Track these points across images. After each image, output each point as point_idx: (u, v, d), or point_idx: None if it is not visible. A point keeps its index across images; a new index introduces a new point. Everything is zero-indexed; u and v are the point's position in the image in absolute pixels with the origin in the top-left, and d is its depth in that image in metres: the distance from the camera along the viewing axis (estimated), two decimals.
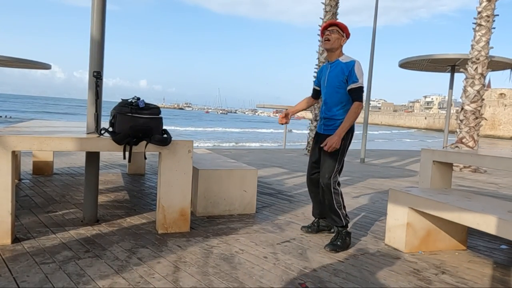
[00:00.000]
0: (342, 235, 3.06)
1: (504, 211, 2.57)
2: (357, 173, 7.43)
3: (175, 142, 3.11)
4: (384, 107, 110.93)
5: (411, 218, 3.01)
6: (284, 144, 14.23)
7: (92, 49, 3.22)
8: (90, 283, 2.21)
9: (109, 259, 2.57)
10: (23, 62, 8.29)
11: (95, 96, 3.16)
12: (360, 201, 4.90)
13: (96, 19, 3.20)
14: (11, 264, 2.40)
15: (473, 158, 3.47)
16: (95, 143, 2.92)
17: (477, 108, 8.92)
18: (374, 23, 9.78)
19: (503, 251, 3.22)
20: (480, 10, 8.85)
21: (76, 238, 2.94)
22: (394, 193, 3.15)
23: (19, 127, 4.00)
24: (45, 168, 5.43)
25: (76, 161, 6.82)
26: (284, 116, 3.38)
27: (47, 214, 3.52)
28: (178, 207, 3.16)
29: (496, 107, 52.56)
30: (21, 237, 2.88)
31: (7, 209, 2.69)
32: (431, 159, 3.74)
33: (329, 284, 2.38)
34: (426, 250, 3.06)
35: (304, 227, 3.45)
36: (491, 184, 7.14)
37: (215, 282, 2.31)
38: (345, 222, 3.09)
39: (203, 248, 2.86)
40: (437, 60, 9.05)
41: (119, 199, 4.25)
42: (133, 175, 5.80)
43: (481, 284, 2.51)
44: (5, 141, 2.67)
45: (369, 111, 10.77)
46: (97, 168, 3.40)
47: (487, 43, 8.72)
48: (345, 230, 3.08)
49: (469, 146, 8.80)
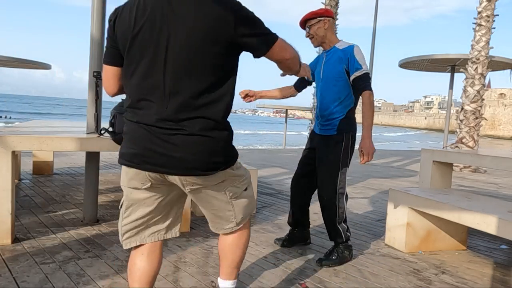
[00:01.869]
0: (339, 249, 2.71)
1: (504, 211, 2.57)
2: (357, 173, 7.43)
3: None
4: (384, 107, 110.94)
5: (411, 218, 3.01)
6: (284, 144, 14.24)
7: (92, 49, 3.22)
8: (90, 283, 2.21)
9: (109, 259, 2.57)
10: (23, 62, 8.28)
11: (95, 96, 3.16)
12: (360, 201, 4.90)
13: (96, 19, 3.20)
14: (11, 264, 2.40)
15: (473, 158, 3.47)
16: (95, 143, 2.92)
17: (477, 108, 8.92)
18: (374, 23, 9.79)
19: (503, 251, 3.22)
20: (480, 10, 8.85)
21: (76, 238, 2.94)
22: (394, 193, 3.15)
23: (19, 127, 4.00)
24: (45, 168, 5.43)
25: (76, 161, 6.82)
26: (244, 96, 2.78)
27: (47, 214, 3.52)
28: None
29: (496, 107, 52.59)
30: (21, 237, 2.88)
31: (7, 209, 2.69)
32: (431, 159, 3.74)
33: (329, 284, 2.38)
34: (426, 250, 3.06)
35: (278, 240, 3.05)
36: (491, 184, 7.14)
37: (215, 282, 2.31)
38: (345, 238, 2.72)
39: (203, 248, 2.86)
40: (437, 60, 9.05)
41: (119, 199, 4.24)
42: None
43: (481, 284, 2.52)
44: (5, 141, 2.67)
45: None
46: (97, 168, 3.40)
47: (487, 43, 8.72)
48: (344, 244, 2.73)
49: (469, 146, 8.80)
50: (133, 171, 1.51)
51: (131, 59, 1.45)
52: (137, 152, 1.46)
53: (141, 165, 1.46)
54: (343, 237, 2.70)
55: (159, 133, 1.42)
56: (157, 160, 1.43)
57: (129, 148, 1.49)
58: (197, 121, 1.42)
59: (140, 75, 1.44)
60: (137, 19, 1.41)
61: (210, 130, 1.45)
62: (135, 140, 1.47)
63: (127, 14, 1.44)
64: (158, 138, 1.42)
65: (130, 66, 1.46)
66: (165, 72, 1.41)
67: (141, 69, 1.43)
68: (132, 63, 1.45)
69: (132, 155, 1.48)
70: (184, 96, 1.41)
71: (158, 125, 1.42)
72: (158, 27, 1.39)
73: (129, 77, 1.47)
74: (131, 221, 1.58)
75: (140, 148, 1.45)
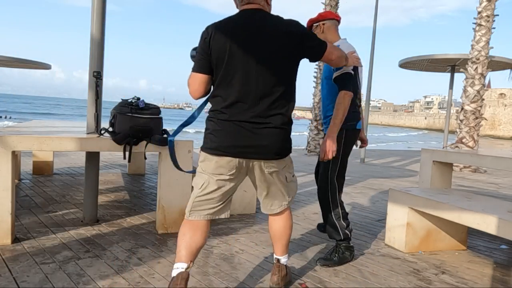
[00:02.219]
0: (340, 249, 2.70)
1: (504, 211, 2.56)
2: (357, 173, 7.44)
3: (175, 142, 3.11)
4: (384, 107, 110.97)
5: (411, 218, 3.01)
6: None
7: (92, 49, 3.22)
8: (90, 283, 2.21)
9: (109, 259, 2.57)
10: (23, 62, 8.28)
11: (95, 96, 3.17)
12: (360, 201, 4.90)
13: (96, 19, 3.20)
14: (11, 264, 2.40)
15: (473, 158, 3.47)
16: (95, 143, 2.92)
17: (477, 108, 8.92)
18: (374, 23, 9.78)
19: (503, 251, 3.22)
20: (480, 10, 8.86)
21: (76, 238, 2.94)
22: (394, 193, 3.15)
23: (19, 127, 4.01)
24: (45, 168, 5.43)
25: (76, 161, 6.82)
26: None
27: (47, 214, 3.52)
28: (178, 207, 3.16)
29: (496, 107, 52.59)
30: (21, 237, 2.88)
31: (7, 209, 2.69)
32: (431, 159, 3.74)
33: (329, 284, 2.38)
34: (426, 250, 3.06)
35: (320, 225, 3.39)
36: (491, 184, 7.14)
37: (215, 282, 2.31)
38: (344, 236, 2.70)
39: (203, 248, 2.86)
40: (437, 60, 9.05)
41: (119, 199, 4.25)
42: (133, 175, 5.80)
43: (481, 284, 2.52)
44: (5, 141, 2.67)
45: (369, 111, 10.76)
46: (97, 168, 3.40)
47: (487, 43, 8.72)
48: (344, 244, 2.71)
49: (469, 146, 8.80)
50: (226, 160, 1.87)
51: (228, 71, 1.85)
52: (233, 144, 1.85)
53: (236, 154, 1.86)
54: (341, 234, 2.68)
55: (250, 128, 1.85)
56: (250, 149, 1.87)
57: (223, 141, 1.86)
58: (278, 117, 1.89)
59: (238, 83, 1.84)
60: (232, 39, 1.83)
61: (286, 124, 1.93)
62: (230, 134, 1.85)
63: (221, 34, 1.84)
64: (249, 131, 1.85)
65: (228, 76, 1.85)
66: (257, 81, 1.84)
67: (238, 78, 1.84)
68: (229, 74, 1.85)
69: (226, 147, 1.86)
70: (270, 98, 1.86)
71: (251, 120, 1.84)
72: (248, 45, 1.83)
73: (227, 84, 1.86)
74: (203, 199, 1.93)
75: (235, 140, 1.85)
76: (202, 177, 1.93)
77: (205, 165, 1.92)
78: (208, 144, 1.91)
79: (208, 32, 1.87)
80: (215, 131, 1.89)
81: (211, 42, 1.84)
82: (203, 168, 1.93)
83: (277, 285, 2.19)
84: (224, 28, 1.86)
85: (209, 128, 1.92)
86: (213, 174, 1.90)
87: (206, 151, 1.92)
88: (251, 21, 1.88)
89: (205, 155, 1.92)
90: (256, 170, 1.97)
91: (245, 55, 1.82)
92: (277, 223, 2.18)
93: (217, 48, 1.83)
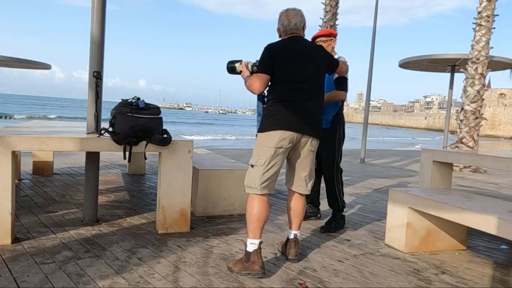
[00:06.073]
0: (337, 218, 3.51)
1: (504, 211, 2.57)
2: (357, 173, 7.44)
3: (175, 142, 3.11)
4: (384, 107, 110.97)
5: (411, 218, 3.01)
6: None
7: (92, 49, 3.22)
8: (90, 283, 2.21)
9: (109, 259, 2.57)
10: (22, 62, 8.28)
11: (95, 96, 3.16)
12: (360, 201, 4.90)
13: (96, 19, 3.20)
14: (11, 264, 2.40)
15: (473, 158, 3.47)
16: (95, 143, 2.92)
17: (477, 108, 8.92)
18: (374, 23, 9.78)
19: (503, 251, 3.22)
20: (480, 10, 8.86)
21: (76, 238, 2.94)
22: (394, 193, 3.15)
23: (19, 127, 4.01)
24: (45, 168, 5.43)
25: (76, 161, 6.82)
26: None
27: (47, 214, 3.52)
28: (178, 207, 3.16)
29: (496, 107, 52.61)
30: (21, 237, 2.88)
31: (7, 209, 2.69)
32: (431, 159, 3.74)
33: (329, 284, 2.38)
34: (426, 250, 3.06)
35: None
36: (491, 184, 7.14)
37: (215, 282, 2.31)
38: (341, 207, 3.50)
39: (203, 248, 2.86)
40: (437, 60, 9.05)
41: (119, 199, 4.25)
42: (133, 175, 5.80)
43: (481, 284, 2.52)
44: (5, 141, 2.67)
45: (369, 111, 10.75)
46: (97, 168, 3.40)
47: (487, 43, 8.72)
48: (339, 214, 3.52)
49: (469, 146, 8.80)
50: (289, 134, 2.47)
51: (291, 77, 2.53)
52: (297, 121, 2.49)
53: (299, 130, 2.50)
54: (340, 205, 3.50)
55: (308, 111, 2.56)
56: (308, 127, 2.55)
57: (287, 120, 2.48)
58: (321, 107, 2.70)
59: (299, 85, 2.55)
60: (290, 56, 2.55)
61: (323, 113, 2.75)
62: (293, 115, 2.49)
63: (283, 51, 2.56)
64: (308, 114, 2.56)
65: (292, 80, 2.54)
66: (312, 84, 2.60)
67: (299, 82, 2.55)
68: (292, 79, 2.54)
69: (290, 123, 2.48)
70: (319, 95, 2.66)
71: (309, 108, 2.56)
72: (302, 61, 2.57)
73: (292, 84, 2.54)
74: (271, 174, 2.50)
75: (297, 119, 2.50)
76: (263, 154, 2.47)
77: (268, 141, 2.46)
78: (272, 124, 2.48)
79: (272, 48, 2.57)
80: (278, 113, 2.50)
81: (276, 56, 2.52)
82: (266, 144, 2.47)
83: (296, 257, 2.65)
84: (285, 49, 2.57)
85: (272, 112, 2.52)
86: (275, 147, 2.45)
87: (270, 128, 2.48)
88: (299, 43, 2.63)
89: (268, 133, 2.47)
90: (303, 147, 2.58)
91: (300, 68, 2.54)
92: (300, 202, 2.71)
93: (281, 62, 2.52)
